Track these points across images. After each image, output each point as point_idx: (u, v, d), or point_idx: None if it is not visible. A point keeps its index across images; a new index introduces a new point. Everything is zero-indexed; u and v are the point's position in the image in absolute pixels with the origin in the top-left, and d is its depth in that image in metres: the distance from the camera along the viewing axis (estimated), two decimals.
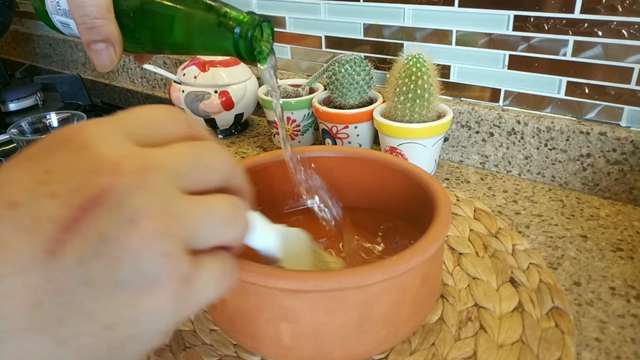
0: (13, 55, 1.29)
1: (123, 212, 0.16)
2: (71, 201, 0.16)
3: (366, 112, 0.59)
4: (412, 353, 0.34)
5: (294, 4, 0.71)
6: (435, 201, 0.36)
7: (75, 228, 0.16)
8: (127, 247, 0.16)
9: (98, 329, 0.16)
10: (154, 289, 0.17)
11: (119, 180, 0.17)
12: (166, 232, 0.17)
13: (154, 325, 0.17)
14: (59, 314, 0.16)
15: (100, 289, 0.16)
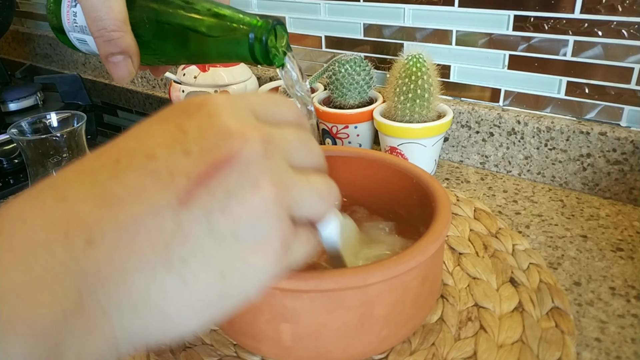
0: (13, 55, 1.29)
1: (248, 175, 0.18)
2: (203, 159, 0.18)
3: (366, 112, 0.59)
4: (412, 353, 0.34)
5: (294, 4, 0.71)
6: (435, 201, 0.36)
7: (205, 183, 0.18)
8: (249, 205, 0.18)
9: (214, 274, 0.18)
10: (264, 246, 0.19)
11: (247, 147, 0.19)
12: (281, 200, 0.19)
13: (256, 279, 0.19)
14: (183, 256, 0.17)
15: (221, 239, 0.18)
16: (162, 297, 0.17)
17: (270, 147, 0.20)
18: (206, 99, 0.20)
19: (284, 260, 0.20)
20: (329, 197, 0.23)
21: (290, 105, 0.24)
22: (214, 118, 0.19)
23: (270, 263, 0.19)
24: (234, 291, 0.19)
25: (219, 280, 0.18)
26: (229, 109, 0.20)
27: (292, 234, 0.20)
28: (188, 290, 0.18)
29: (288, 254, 0.20)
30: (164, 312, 0.18)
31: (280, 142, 0.21)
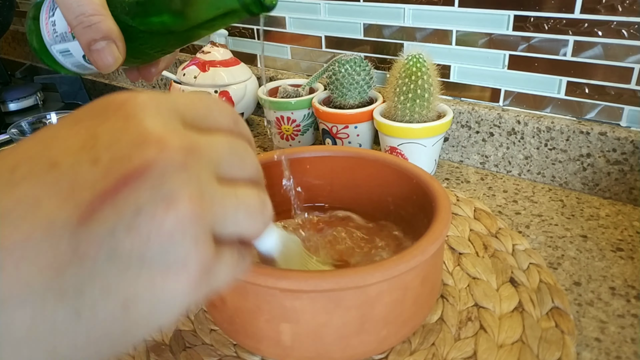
0: (13, 55, 1.29)
1: (162, 189, 0.16)
2: (112, 170, 0.16)
3: (366, 112, 0.59)
4: (412, 353, 0.34)
5: (294, 4, 0.71)
6: (435, 201, 0.36)
7: (111, 198, 0.16)
8: (159, 224, 0.16)
9: (115, 305, 0.16)
10: (178, 271, 0.17)
11: (163, 156, 0.17)
12: (200, 217, 0.17)
13: (169, 308, 0.17)
14: (79, 284, 0.15)
15: (125, 264, 0.16)
16: (51, 331, 0.15)
17: (193, 156, 0.18)
18: (127, 98, 0.18)
19: (203, 286, 0.18)
20: (259, 211, 0.20)
21: (225, 109, 0.21)
22: (131, 121, 0.17)
23: (184, 291, 0.17)
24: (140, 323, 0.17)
25: (121, 312, 0.16)
26: (151, 110, 0.18)
27: (213, 256, 0.18)
28: (83, 324, 0.15)
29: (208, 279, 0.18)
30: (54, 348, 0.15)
31: (206, 150, 0.18)
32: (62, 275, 0.15)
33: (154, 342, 0.36)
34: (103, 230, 0.15)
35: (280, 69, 0.79)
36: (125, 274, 0.16)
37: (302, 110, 0.65)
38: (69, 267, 0.15)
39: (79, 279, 0.15)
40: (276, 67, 0.79)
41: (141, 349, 0.35)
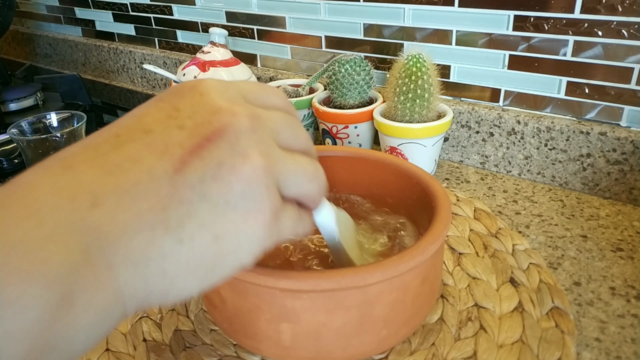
0: (13, 55, 1.29)
1: (238, 146, 0.20)
2: (196, 132, 0.20)
3: (366, 112, 0.59)
4: (412, 353, 0.34)
5: (294, 4, 0.71)
6: (435, 201, 0.36)
7: (198, 153, 0.19)
8: (239, 174, 0.20)
9: (208, 236, 0.19)
10: (254, 213, 0.20)
11: (236, 121, 0.21)
12: (269, 170, 0.21)
13: (248, 245, 0.21)
14: (180, 218, 0.19)
15: (214, 205, 0.19)
16: (161, 255, 0.18)
17: (258, 123, 0.21)
18: (198, 82, 0.22)
19: (274, 229, 0.22)
20: (315, 177, 0.24)
21: (279, 93, 0.25)
22: (206, 97, 0.21)
23: (260, 230, 0.21)
24: (228, 255, 0.20)
25: (213, 243, 0.20)
26: (219, 90, 0.22)
27: (280, 205, 0.22)
28: (185, 249, 0.19)
29: (277, 224, 0.22)
30: (163, 269, 0.19)
31: (267, 120, 0.22)
32: (166, 211, 0.19)
33: (154, 342, 0.36)
34: (194, 177, 0.19)
35: (280, 69, 0.79)
36: (215, 213, 0.19)
37: (302, 110, 0.65)
38: (171, 206, 0.19)
39: (180, 215, 0.19)
40: (276, 67, 0.79)
41: (141, 349, 0.35)
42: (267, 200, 0.21)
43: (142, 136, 0.20)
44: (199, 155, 0.19)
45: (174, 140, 0.20)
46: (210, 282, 0.20)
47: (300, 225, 0.25)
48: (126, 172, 0.18)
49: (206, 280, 0.20)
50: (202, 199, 0.19)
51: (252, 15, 0.77)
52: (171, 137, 0.20)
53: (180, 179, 0.19)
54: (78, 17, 1.08)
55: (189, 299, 0.21)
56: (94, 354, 0.35)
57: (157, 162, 0.19)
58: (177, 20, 0.89)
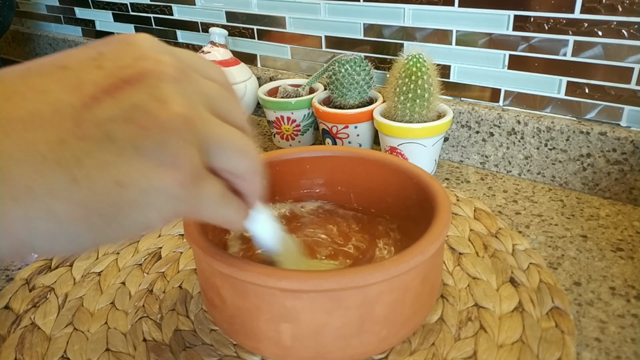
0: (13, 55, 1.29)
1: (158, 92, 0.18)
2: (114, 73, 0.18)
3: (366, 112, 0.59)
4: (412, 353, 0.34)
5: (294, 4, 0.71)
6: (435, 201, 0.36)
7: (112, 93, 0.18)
8: (155, 121, 0.18)
9: (109, 180, 0.18)
10: (169, 168, 0.19)
11: (159, 68, 0.19)
12: (191, 125, 0.19)
13: (158, 202, 0.19)
14: (78, 155, 0.17)
15: (121, 148, 0.18)
16: (48, 191, 0.17)
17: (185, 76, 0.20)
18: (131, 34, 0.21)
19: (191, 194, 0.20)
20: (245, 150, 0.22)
21: (220, 71, 0.24)
22: (133, 46, 0.20)
23: (173, 187, 0.19)
24: (132, 206, 0.18)
25: (114, 188, 0.18)
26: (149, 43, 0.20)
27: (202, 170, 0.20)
28: (78, 189, 0.17)
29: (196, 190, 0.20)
30: (50, 208, 0.17)
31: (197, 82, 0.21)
32: (63, 145, 0.17)
33: (154, 342, 0.36)
34: (103, 115, 0.17)
35: (280, 69, 0.79)
36: (121, 156, 0.18)
37: (302, 110, 0.65)
38: (70, 140, 0.17)
39: (79, 151, 0.17)
40: (276, 67, 0.79)
41: (141, 349, 0.35)
42: (185, 157, 0.19)
43: (55, 71, 0.18)
44: (113, 95, 0.18)
45: (89, 77, 0.18)
46: (108, 235, 0.19)
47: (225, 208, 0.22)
48: (26, 100, 0.17)
49: (103, 230, 0.18)
50: (108, 140, 0.17)
51: (252, 15, 0.77)
52: (87, 75, 0.18)
53: (87, 115, 0.17)
54: (78, 17, 1.08)
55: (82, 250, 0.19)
56: (94, 354, 0.35)
57: (65, 95, 0.17)
58: (177, 20, 0.89)
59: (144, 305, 0.39)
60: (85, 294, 0.41)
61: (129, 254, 0.46)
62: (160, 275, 0.43)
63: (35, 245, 0.17)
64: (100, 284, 0.42)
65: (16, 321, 0.38)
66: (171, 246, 0.46)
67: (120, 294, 0.41)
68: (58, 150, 0.17)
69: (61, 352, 0.35)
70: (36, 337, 0.36)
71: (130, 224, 0.19)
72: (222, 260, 0.30)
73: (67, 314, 0.39)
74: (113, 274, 0.43)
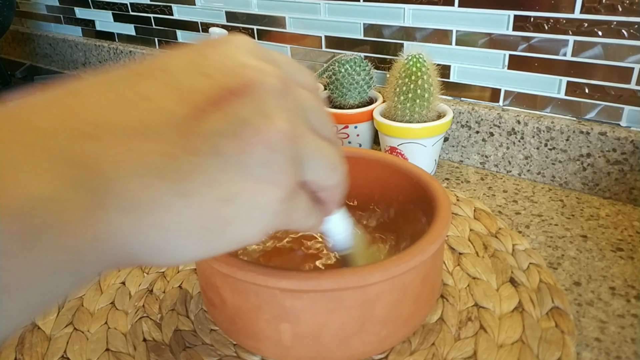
0: (13, 55, 1.29)
1: (265, 107, 0.18)
2: (222, 83, 0.18)
3: (366, 112, 0.59)
4: (412, 353, 0.34)
5: (294, 4, 0.71)
6: (435, 201, 0.36)
7: (220, 105, 0.17)
8: (261, 136, 0.18)
9: (214, 197, 0.17)
10: (271, 184, 0.18)
11: (266, 80, 0.18)
12: (294, 141, 0.19)
13: (257, 216, 0.19)
14: (188, 170, 0.17)
15: (228, 164, 0.17)
16: (158, 205, 0.17)
17: (289, 89, 0.20)
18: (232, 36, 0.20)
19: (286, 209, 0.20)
20: (336, 165, 0.23)
21: (311, 75, 0.23)
22: (236, 51, 0.19)
23: (273, 203, 0.19)
24: (234, 222, 0.18)
25: (219, 203, 0.18)
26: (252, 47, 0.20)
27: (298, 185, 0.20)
28: (186, 204, 0.17)
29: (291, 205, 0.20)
30: (161, 222, 0.17)
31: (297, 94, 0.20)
32: (174, 159, 0.17)
33: (154, 342, 0.36)
34: (211, 129, 0.17)
35: None
36: (227, 172, 0.17)
37: None
38: (181, 154, 0.17)
39: (189, 166, 0.17)
40: None
41: (141, 349, 0.35)
42: (286, 174, 0.19)
43: (162, 76, 0.18)
44: (221, 107, 0.17)
45: (196, 86, 0.18)
46: (212, 249, 0.19)
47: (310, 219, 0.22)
48: (137, 108, 0.17)
49: (208, 245, 0.18)
50: (216, 155, 0.17)
51: (252, 15, 0.77)
52: (194, 82, 0.18)
53: (196, 127, 0.17)
54: (78, 17, 1.08)
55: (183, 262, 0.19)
56: (94, 354, 0.35)
57: (174, 105, 0.17)
58: (177, 20, 0.89)
59: (144, 305, 0.39)
60: (85, 294, 0.41)
61: None
62: (160, 275, 0.43)
63: (141, 257, 0.18)
64: (100, 284, 0.42)
65: None
66: None
67: (120, 294, 0.41)
68: (169, 165, 0.17)
69: (61, 352, 0.35)
70: (36, 337, 0.36)
71: (232, 239, 0.19)
72: (222, 260, 0.30)
73: (67, 314, 0.39)
74: (113, 274, 0.43)
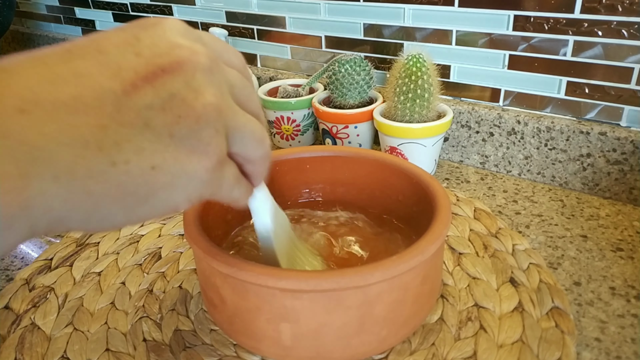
0: None
1: (193, 82, 0.20)
2: (153, 61, 0.19)
3: (366, 112, 0.59)
4: (412, 353, 0.34)
5: (294, 4, 0.71)
6: (435, 201, 0.36)
7: (151, 80, 0.19)
8: (189, 109, 0.19)
9: (145, 164, 0.19)
10: (200, 154, 0.20)
11: (195, 58, 0.20)
12: (221, 115, 0.20)
13: (187, 186, 0.20)
14: (117, 140, 0.18)
15: (157, 135, 0.19)
16: (88, 173, 0.17)
17: (216, 67, 0.21)
18: (163, 18, 0.22)
19: (215, 178, 0.21)
20: (261, 138, 0.24)
21: (238, 55, 0.25)
22: (168, 33, 0.21)
23: (202, 172, 0.20)
24: (163, 189, 0.20)
25: (148, 172, 0.19)
26: (182, 29, 0.21)
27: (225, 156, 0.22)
28: (116, 172, 0.18)
29: (220, 175, 0.21)
30: (88, 189, 0.18)
31: (225, 71, 0.22)
32: (104, 130, 0.18)
33: (154, 342, 0.36)
34: (142, 103, 0.18)
35: (280, 69, 0.79)
36: (157, 143, 0.19)
37: (302, 110, 0.65)
38: (111, 125, 0.18)
39: (119, 136, 0.18)
40: (276, 67, 0.79)
41: (141, 349, 0.35)
42: (214, 144, 0.20)
43: (95, 55, 0.19)
44: (152, 83, 0.19)
45: (128, 64, 0.19)
46: (138, 215, 0.20)
47: (237, 189, 0.24)
48: (69, 84, 0.17)
49: (134, 211, 0.19)
50: (146, 127, 0.19)
51: (252, 15, 0.77)
52: (126, 61, 0.19)
53: (127, 102, 0.18)
54: (78, 17, 1.08)
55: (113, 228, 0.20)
56: (94, 354, 0.35)
57: (106, 81, 0.18)
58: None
59: (144, 305, 0.39)
60: (85, 294, 0.41)
61: (129, 254, 0.46)
62: (160, 275, 0.43)
63: (71, 222, 0.18)
64: (100, 284, 0.42)
65: (16, 321, 0.38)
66: (171, 246, 0.46)
67: (120, 294, 0.41)
68: (99, 135, 0.17)
69: (61, 352, 0.35)
70: (36, 337, 0.36)
71: (160, 205, 0.20)
72: (222, 260, 0.30)
73: (67, 314, 0.39)
74: (113, 274, 0.43)
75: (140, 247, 0.47)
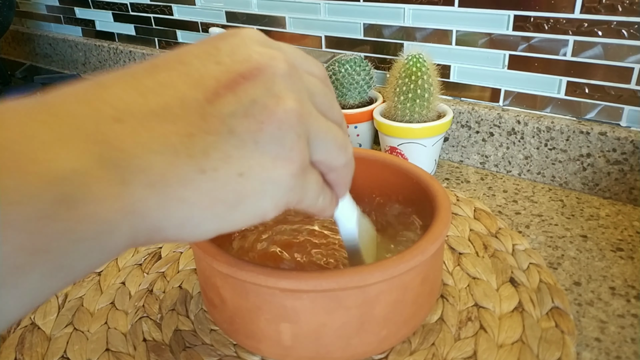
0: (13, 55, 1.29)
1: (274, 88, 0.20)
2: (233, 68, 0.20)
3: (366, 112, 0.59)
4: (412, 353, 0.34)
5: (294, 4, 0.71)
6: (435, 201, 0.36)
7: (232, 88, 0.19)
8: (272, 115, 0.19)
9: (232, 171, 0.19)
10: (283, 160, 0.20)
11: (274, 64, 0.20)
12: (302, 119, 0.20)
13: (273, 191, 0.20)
14: (205, 148, 0.18)
15: (242, 141, 0.19)
16: (180, 180, 0.18)
17: (295, 73, 0.21)
18: (242, 29, 0.22)
19: (299, 184, 0.21)
20: (344, 146, 0.24)
21: (320, 65, 0.25)
22: (247, 41, 0.21)
23: (287, 178, 0.20)
24: (251, 196, 0.20)
25: (236, 179, 0.19)
26: (261, 38, 0.22)
27: (308, 162, 0.21)
28: (206, 180, 0.18)
29: (303, 181, 0.21)
30: (182, 196, 0.18)
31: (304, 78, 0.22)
32: (192, 138, 0.18)
33: (154, 342, 0.36)
34: (225, 110, 0.19)
35: None
36: (242, 149, 0.19)
37: None
38: (198, 133, 0.18)
39: (205, 144, 0.18)
40: None
41: (141, 349, 0.35)
42: (297, 150, 0.20)
43: (177, 66, 0.19)
44: (233, 90, 0.19)
45: (210, 73, 0.19)
46: (230, 223, 0.20)
47: (322, 197, 0.24)
48: (157, 95, 0.18)
49: (225, 219, 0.20)
50: (231, 134, 0.19)
51: (252, 15, 0.77)
52: (207, 70, 0.19)
53: (211, 110, 0.19)
54: (78, 17, 1.08)
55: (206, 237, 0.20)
56: (94, 354, 0.35)
57: (190, 90, 0.19)
58: (177, 20, 0.89)
59: (144, 305, 0.39)
60: (85, 294, 0.41)
61: (129, 253, 0.46)
62: (160, 275, 0.43)
63: (168, 231, 0.19)
64: (100, 284, 0.42)
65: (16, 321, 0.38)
66: (171, 246, 0.46)
67: (120, 294, 0.41)
68: (188, 143, 0.18)
69: (61, 352, 0.35)
70: (36, 337, 0.36)
71: (250, 212, 0.20)
72: (222, 260, 0.30)
73: (67, 314, 0.39)
74: (113, 274, 0.43)
75: (140, 247, 0.47)
